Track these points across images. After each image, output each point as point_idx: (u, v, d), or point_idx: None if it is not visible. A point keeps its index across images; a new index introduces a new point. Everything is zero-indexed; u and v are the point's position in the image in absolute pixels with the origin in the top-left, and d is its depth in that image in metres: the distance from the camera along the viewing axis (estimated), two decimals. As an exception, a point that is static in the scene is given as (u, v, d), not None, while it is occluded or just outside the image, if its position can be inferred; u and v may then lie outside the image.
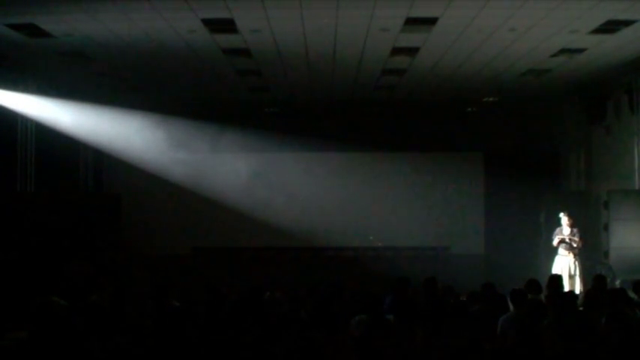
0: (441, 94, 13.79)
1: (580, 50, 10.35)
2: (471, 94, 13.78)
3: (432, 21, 8.91)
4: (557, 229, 11.65)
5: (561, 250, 11.53)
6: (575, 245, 11.42)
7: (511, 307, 7.08)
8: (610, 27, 9.09)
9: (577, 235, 11.49)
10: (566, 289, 10.37)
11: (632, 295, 7.72)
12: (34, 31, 9.16)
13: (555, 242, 11.54)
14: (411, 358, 5.57)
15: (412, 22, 8.95)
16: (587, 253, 12.14)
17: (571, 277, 11.33)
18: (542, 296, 7.91)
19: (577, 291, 10.96)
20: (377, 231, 15.48)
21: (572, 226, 11.55)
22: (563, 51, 10.40)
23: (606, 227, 11.64)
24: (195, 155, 14.81)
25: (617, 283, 10.32)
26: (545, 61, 11.06)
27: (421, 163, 15.52)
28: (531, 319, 6.43)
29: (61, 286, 8.79)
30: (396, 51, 10.45)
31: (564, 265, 11.42)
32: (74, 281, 9.49)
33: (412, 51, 10.48)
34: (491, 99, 14.28)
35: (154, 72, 11.96)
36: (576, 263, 11.44)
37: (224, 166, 15.17)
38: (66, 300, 4.20)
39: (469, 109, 15.22)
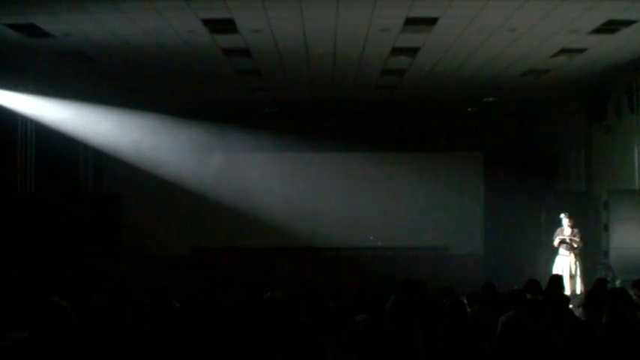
0: (441, 94, 13.79)
1: (580, 50, 10.35)
2: (471, 94, 13.78)
3: (432, 21, 8.91)
4: (558, 230, 11.67)
5: (562, 250, 11.55)
6: (575, 245, 11.44)
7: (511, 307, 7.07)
8: (610, 27, 9.09)
9: (578, 235, 11.51)
10: (567, 289, 10.38)
11: (631, 292, 7.70)
12: (34, 31, 9.15)
13: (556, 242, 11.57)
14: (411, 359, 5.56)
15: (412, 22, 8.95)
16: (588, 253, 12.14)
17: (572, 277, 11.34)
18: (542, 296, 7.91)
19: (578, 291, 10.96)
20: (377, 231, 15.49)
21: (572, 226, 11.57)
22: (563, 51, 10.40)
23: (606, 227, 11.64)
24: (195, 155, 14.82)
25: (617, 283, 10.31)
26: (545, 61, 11.06)
27: (421, 163, 15.52)
28: (531, 319, 6.42)
29: (61, 286, 8.79)
30: (396, 51, 10.45)
31: (565, 265, 11.43)
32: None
33: (412, 51, 10.47)
34: (491, 99, 14.28)
35: (154, 72, 11.95)
36: (577, 263, 11.46)
37: (224, 166, 15.18)
38: (66, 300, 4.19)
39: (469, 109, 15.22)
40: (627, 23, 8.92)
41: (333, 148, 15.31)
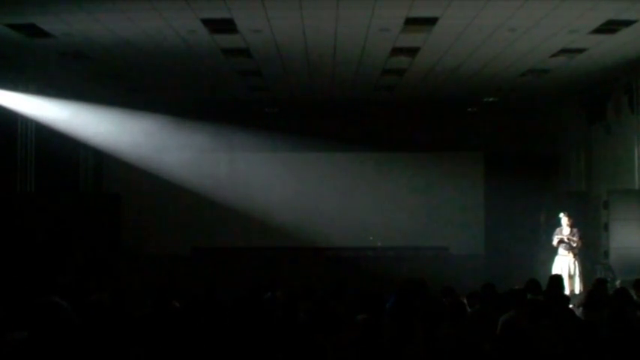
0: (441, 95, 13.79)
1: (580, 50, 10.35)
2: (471, 94, 13.78)
3: (432, 21, 8.91)
4: (558, 229, 11.66)
5: (561, 250, 11.54)
6: (574, 245, 11.43)
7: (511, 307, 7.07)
8: (610, 27, 9.09)
9: (577, 235, 11.49)
10: (567, 289, 10.38)
11: (632, 292, 7.70)
12: (34, 31, 9.16)
13: (555, 242, 11.57)
14: (411, 359, 5.56)
15: (412, 22, 8.95)
16: (587, 253, 12.13)
17: (571, 277, 11.33)
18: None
19: (577, 291, 10.96)
20: (377, 231, 15.48)
21: (572, 226, 11.56)
22: (563, 51, 10.40)
23: (606, 227, 11.64)
24: (196, 155, 14.81)
25: (617, 283, 10.31)
26: (545, 61, 11.06)
27: (421, 163, 15.52)
28: (531, 319, 6.42)
29: (61, 286, 8.78)
30: (396, 51, 10.45)
31: (564, 265, 11.42)
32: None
33: (412, 51, 10.48)
34: (491, 99, 14.29)
35: (154, 72, 11.95)
36: (576, 263, 11.45)
37: (224, 166, 15.19)
38: (66, 300, 4.19)
39: (469, 109, 15.22)
40: (627, 23, 8.92)
41: (333, 148, 15.30)
